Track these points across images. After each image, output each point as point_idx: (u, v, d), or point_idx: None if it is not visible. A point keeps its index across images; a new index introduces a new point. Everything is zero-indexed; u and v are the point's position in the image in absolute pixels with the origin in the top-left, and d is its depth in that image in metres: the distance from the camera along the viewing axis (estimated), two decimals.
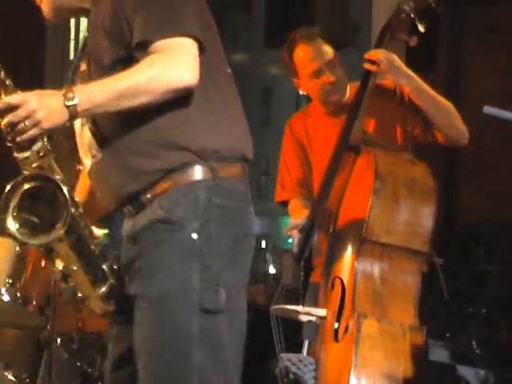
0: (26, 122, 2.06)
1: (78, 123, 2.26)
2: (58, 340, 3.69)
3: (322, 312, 2.99)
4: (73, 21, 6.33)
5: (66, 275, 2.21)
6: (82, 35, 6.62)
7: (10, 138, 2.08)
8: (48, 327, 3.57)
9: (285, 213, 3.58)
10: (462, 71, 4.90)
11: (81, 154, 2.32)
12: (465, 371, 3.46)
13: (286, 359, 2.91)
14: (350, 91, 3.28)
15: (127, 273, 2.23)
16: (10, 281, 3.59)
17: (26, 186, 2.10)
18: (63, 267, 2.20)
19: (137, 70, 2.12)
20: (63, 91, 2.09)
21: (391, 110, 3.23)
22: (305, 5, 7.86)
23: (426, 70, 3.37)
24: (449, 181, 4.78)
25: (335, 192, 3.12)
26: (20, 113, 2.06)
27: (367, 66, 3.13)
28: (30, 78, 5.60)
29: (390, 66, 3.13)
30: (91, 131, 2.24)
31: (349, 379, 2.84)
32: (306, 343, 2.97)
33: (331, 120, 3.29)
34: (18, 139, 2.08)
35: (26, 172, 2.12)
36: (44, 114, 2.07)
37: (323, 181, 3.15)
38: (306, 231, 3.15)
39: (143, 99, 2.11)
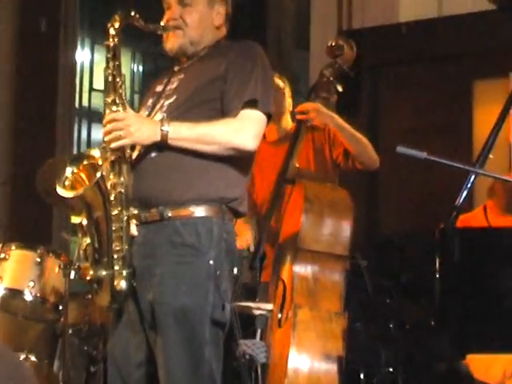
0: (121, 133, 2.36)
1: None
2: (70, 330, 3.95)
3: (269, 306, 3.30)
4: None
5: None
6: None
7: (106, 142, 2.39)
8: (62, 320, 3.86)
9: None
10: (379, 116, 5.54)
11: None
12: (383, 348, 3.86)
13: (243, 344, 3.15)
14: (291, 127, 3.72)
15: (142, 275, 2.44)
16: (32, 284, 3.86)
17: (85, 162, 2.40)
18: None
19: (217, 124, 2.41)
20: (160, 120, 2.42)
21: (321, 142, 3.64)
22: None
23: (351, 116, 3.90)
24: (372, 201, 5.35)
25: (278, 214, 3.48)
26: (119, 125, 2.37)
27: (299, 116, 3.59)
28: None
29: (315, 112, 3.54)
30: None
31: (288, 355, 3.17)
32: (259, 331, 3.25)
33: (272, 149, 3.67)
34: (111, 145, 2.37)
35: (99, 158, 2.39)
36: (136, 129, 2.37)
37: (268, 207, 3.49)
38: (256, 244, 3.48)
39: (211, 148, 2.40)
